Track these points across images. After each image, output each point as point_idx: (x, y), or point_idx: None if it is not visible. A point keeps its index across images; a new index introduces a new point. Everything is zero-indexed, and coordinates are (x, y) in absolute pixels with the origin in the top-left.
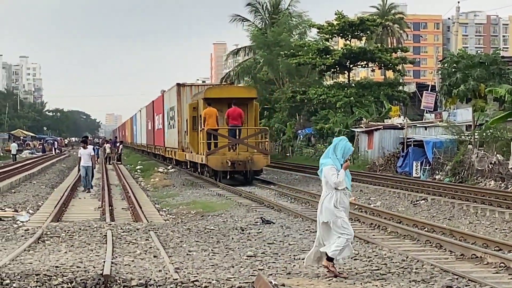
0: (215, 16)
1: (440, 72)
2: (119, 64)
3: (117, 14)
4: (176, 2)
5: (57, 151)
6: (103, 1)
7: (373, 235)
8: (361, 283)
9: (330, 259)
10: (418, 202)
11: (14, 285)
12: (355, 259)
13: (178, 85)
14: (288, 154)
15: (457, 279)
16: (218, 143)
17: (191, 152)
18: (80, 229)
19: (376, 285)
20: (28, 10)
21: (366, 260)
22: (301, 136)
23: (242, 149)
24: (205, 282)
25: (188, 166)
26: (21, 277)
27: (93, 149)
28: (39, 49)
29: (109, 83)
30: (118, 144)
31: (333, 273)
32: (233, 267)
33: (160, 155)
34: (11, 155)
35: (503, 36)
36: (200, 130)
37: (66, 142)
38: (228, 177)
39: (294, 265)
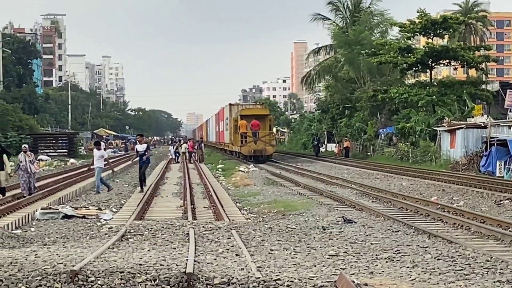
0: (296, 15)
1: None
2: (201, 64)
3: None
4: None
5: None
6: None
7: (456, 235)
8: (444, 283)
9: None
10: (502, 202)
11: (98, 282)
12: (438, 259)
13: (230, 104)
14: (369, 153)
15: None
16: (247, 140)
17: (234, 145)
18: (163, 227)
19: (460, 285)
20: (111, 11)
21: (450, 260)
22: (382, 135)
23: (260, 143)
24: (287, 281)
25: (233, 154)
26: (105, 274)
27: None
28: (121, 49)
29: (190, 83)
30: (202, 144)
31: None
32: (315, 266)
33: (222, 148)
34: None
35: None
36: (237, 133)
37: (154, 141)
38: (252, 159)
39: (377, 265)
